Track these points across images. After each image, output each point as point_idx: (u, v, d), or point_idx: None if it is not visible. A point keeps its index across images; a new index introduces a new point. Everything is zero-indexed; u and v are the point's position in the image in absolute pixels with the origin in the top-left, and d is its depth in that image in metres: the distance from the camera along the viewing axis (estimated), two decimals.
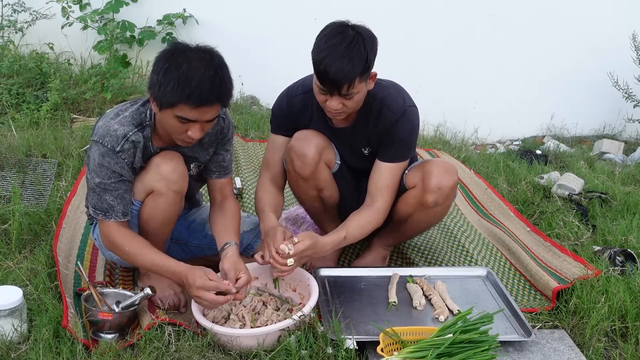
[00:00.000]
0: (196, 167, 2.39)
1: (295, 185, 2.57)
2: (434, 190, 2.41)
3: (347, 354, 2.06)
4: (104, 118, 2.19)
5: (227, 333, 2.09)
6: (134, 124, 2.15)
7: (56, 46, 4.67)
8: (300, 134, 2.46)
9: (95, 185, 2.14)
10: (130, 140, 2.12)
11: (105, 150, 2.10)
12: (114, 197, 2.14)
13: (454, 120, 4.96)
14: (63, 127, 4.02)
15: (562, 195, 3.55)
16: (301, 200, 2.69)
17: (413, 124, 2.41)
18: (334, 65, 2.11)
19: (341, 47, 2.12)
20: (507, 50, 5.05)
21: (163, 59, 2.03)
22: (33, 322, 2.15)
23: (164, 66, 2.00)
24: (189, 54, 2.02)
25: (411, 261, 2.85)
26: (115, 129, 2.12)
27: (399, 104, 2.38)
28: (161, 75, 2.00)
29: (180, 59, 2.00)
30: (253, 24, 4.85)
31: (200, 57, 2.02)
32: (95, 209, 2.16)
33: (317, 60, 2.15)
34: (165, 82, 1.98)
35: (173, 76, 1.98)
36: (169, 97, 1.99)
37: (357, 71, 2.14)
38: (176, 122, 2.05)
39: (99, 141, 2.11)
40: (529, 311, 2.45)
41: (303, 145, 2.42)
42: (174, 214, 2.30)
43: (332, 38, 2.15)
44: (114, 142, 2.10)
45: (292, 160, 2.45)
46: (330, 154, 2.51)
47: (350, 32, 2.16)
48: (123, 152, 2.12)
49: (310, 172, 2.45)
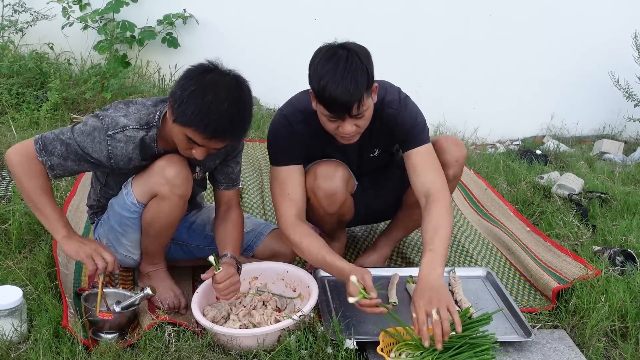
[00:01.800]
0: (201, 172, 2.38)
1: (318, 217, 2.53)
2: (452, 164, 2.42)
3: (347, 354, 2.07)
4: (118, 103, 2.18)
5: (227, 333, 2.09)
6: (139, 122, 2.13)
7: (56, 46, 4.67)
8: (323, 170, 2.37)
9: (66, 138, 2.10)
10: (127, 134, 2.10)
11: (99, 126, 2.09)
12: (62, 155, 2.11)
13: (454, 120, 4.96)
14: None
15: (562, 195, 3.56)
16: (318, 224, 2.66)
17: (415, 109, 2.37)
18: (338, 89, 2.04)
19: (339, 69, 2.05)
20: (507, 50, 5.05)
21: (193, 78, 1.99)
22: (33, 322, 2.15)
23: (190, 87, 1.97)
24: (219, 83, 1.98)
25: (411, 261, 2.85)
26: (119, 116, 2.11)
27: (395, 99, 2.36)
28: (185, 95, 1.96)
29: (209, 86, 1.97)
30: (253, 24, 4.84)
31: (228, 89, 1.99)
32: (41, 140, 2.12)
33: (320, 88, 2.07)
34: (187, 103, 1.95)
35: (197, 102, 1.95)
36: (186, 119, 1.97)
37: (363, 88, 2.07)
38: (184, 139, 2.04)
39: (99, 116, 2.12)
40: (528, 311, 2.45)
41: (331, 183, 2.36)
42: (177, 218, 2.29)
43: (326, 64, 2.07)
44: (109, 124, 2.09)
45: (319, 199, 2.38)
46: (351, 180, 2.48)
47: (342, 51, 2.09)
48: (112, 138, 2.09)
49: (338, 207, 2.44)
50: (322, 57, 2.10)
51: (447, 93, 5.01)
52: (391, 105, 2.34)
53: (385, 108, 2.34)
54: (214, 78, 1.99)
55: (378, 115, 2.32)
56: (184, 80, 2.00)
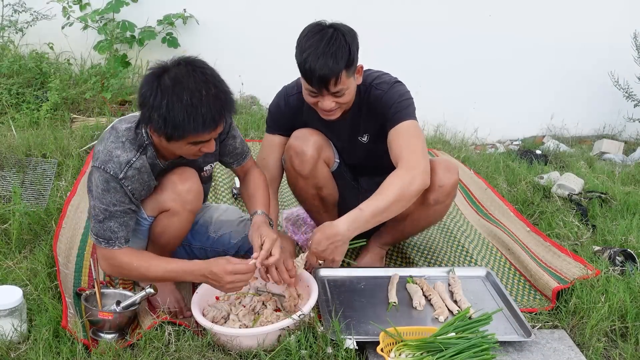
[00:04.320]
0: (210, 168, 2.41)
1: (294, 184, 2.57)
2: (435, 189, 2.40)
3: (347, 354, 2.06)
4: (103, 142, 2.10)
5: (227, 333, 2.09)
6: (135, 148, 2.08)
7: (56, 46, 4.67)
8: (298, 132, 2.47)
9: (100, 212, 2.07)
10: (134, 167, 2.06)
11: (108, 177, 2.03)
12: (118, 224, 2.09)
13: (454, 120, 4.96)
14: (63, 127, 4.02)
15: (562, 195, 3.56)
16: (301, 200, 2.69)
17: (401, 92, 2.37)
18: (318, 63, 2.14)
19: (322, 45, 2.15)
20: (507, 50, 5.05)
21: (156, 91, 1.91)
22: (33, 322, 2.15)
23: (161, 101, 1.90)
24: (179, 78, 1.91)
25: (411, 261, 2.85)
26: (118, 154, 2.04)
27: (385, 82, 2.39)
28: (164, 111, 1.90)
29: (176, 87, 1.90)
30: (253, 24, 4.85)
31: (191, 76, 1.92)
32: (98, 236, 2.09)
33: (301, 61, 2.18)
34: (172, 117, 1.90)
35: (178, 109, 1.89)
36: (181, 131, 1.93)
37: (342, 65, 2.16)
38: (190, 147, 2.03)
39: (101, 167, 2.04)
40: (528, 311, 2.45)
41: (302, 143, 2.43)
42: (186, 230, 2.32)
43: (311, 38, 2.18)
44: (116, 168, 2.03)
45: (291, 158, 2.46)
46: (329, 152, 2.52)
47: (329, 29, 2.19)
48: (126, 179, 2.05)
49: (309, 170, 2.46)
50: (308, 31, 2.22)
51: (447, 93, 5.01)
52: (379, 88, 2.39)
53: (372, 90, 2.39)
54: (172, 77, 1.92)
55: (366, 96, 2.38)
56: (151, 98, 1.92)
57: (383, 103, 2.37)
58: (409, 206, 2.49)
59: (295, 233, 2.97)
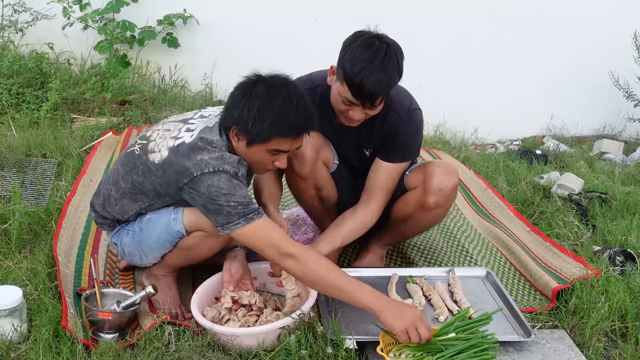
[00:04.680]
0: None
1: (293, 184, 2.57)
2: (435, 192, 2.41)
3: (347, 354, 2.07)
4: (198, 153, 2.05)
5: (227, 332, 2.09)
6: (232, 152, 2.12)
7: (56, 46, 4.67)
8: None
9: (238, 204, 2.02)
10: (243, 164, 2.11)
11: (229, 176, 2.04)
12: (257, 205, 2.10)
13: (454, 120, 4.95)
14: (63, 127, 4.02)
15: (562, 195, 3.55)
16: (300, 200, 2.69)
17: (418, 126, 2.42)
18: (371, 79, 2.10)
19: (377, 60, 2.12)
20: (507, 50, 5.05)
21: (250, 96, 2.03)
22: (33, 322, 2.15)
23: (254, 103, 2.01)
24: (275, 86, 2.05)
25: (411, 261, 2.85)
26: (228, 156, 2.07)
27: (405, 106, 2.38)
28: (255, 113, 2.00)
29: (270, 93, 2.02)
30: (253, 24, 4.84)
31: (286, 87, 2.05)
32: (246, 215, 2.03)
33: (353, 73, 2.12)
34: (261, 118, 2.00)
35: (269, 112, 2.00)
36: (267, 133, 2.01)
37: (393, 84, 2.17)
38: (266, 155, 2.08)
39: (219, 169, 2.03)
40: (528, 311, 2.45)
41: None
42: (217, 251, 2.30)
43: (365, 50, 2.13)
44: (234, 167, 2.06)
45: (289, 159, 2.45)
46: (328, 152, 2.52)
47: (382, 43, 2.15)
48: (240, 177, 2.08)
49: (308, 171, 2.46)
50: (360, 43, 2.16)
51: (447, 93, 5.00)
52: (398, 112, 2.38)
53: (391, 111, 2.37)
54: (267, 84, 2.05)
55: (382, 113, 2.35)
56: (244, 100, 2.03)
57: (397, 134, 2.39)
58: (409, 209, 2.50)
59: (295, 233, 2.98)
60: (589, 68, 5.11)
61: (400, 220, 2.57)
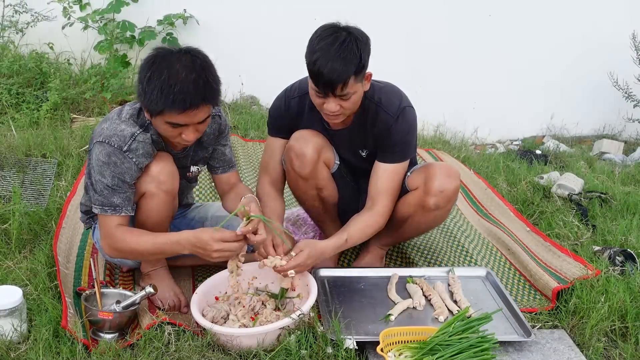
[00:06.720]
0: (197, 170, 2.42)
1: (294, 185, 2.57)
2: (435, 193, 2.41)
3: (347, 354, 2.06)
4: (106, 120, 2.18)
5: (226, 333, 2.09)
6: (138, 124, 2.16)
7: (56, 46, 4.67)
8: (298, 134, 2.46)
9: (103, 188, 2.12)
10: (138, 140, 2.12)
11: (111, 150, 2.09)
12: (122, 199, 2.14)
13: (454, 120, 4.96)
14: (63, 127, 4.02)
15: (562, 195, 3.56)
16: (301, 201, 2.69)
17: (410, 124, 2.42)
18: (327, 66, 2.13)
19: (333, 48, 2.14)
20: (507, 50, 5.05)
21: (146, 67, 2.04)
22: (33, 322, 2.15)
23: (146, 74, 2.02)
24: (171, 59, 2.02)
25: (411, 261, 2.85)
26: (122, 128, 2.12)
27: (394, 105, 2.38)
28: (145, 84, 2.02)
29: (162, 66, 2.01)
30: (253, 24, 4.84)
31: (182, 61, 2.02)
32: (103, 205, 2.14)
33: (311, 62, 2.17)
34: (150, 90, 2.00)
35: (156, 84, 1.99)
36: (154, 105, 2.01)
37: (351, 71, 2.16)
38: (168, 127, 2.07)
39: (105, 141, 2.10)
40: (528, 311, 2.45)
41: (302, 144, 2.43)
42: (167, 214, 2.30)
43: (324, 39, 2.17)
44: (120, 141, 2.10)
45: (291, 160, 2.46)
46: (329, 153, 2.52)
47: (343, 33, 2.18)
48: (130, 151, 2.10)
49: (309, 172, 2.46)
50: (322, 32, 2.20)
51: (447, 93, 5.01)
52: (388, 111, 2.38)
53: (380, 112, 2.38)
54: (164, 57, 2.04)
55: (372, 114, 2.37)
56: (140, 73, 2.06)
57: (390, 134, 2.39)
58: (410, 210, 2.50)
59: (295, 233, 2.98)
60: (589, 68, 5.11)
61: (401, 221, 2.57)
